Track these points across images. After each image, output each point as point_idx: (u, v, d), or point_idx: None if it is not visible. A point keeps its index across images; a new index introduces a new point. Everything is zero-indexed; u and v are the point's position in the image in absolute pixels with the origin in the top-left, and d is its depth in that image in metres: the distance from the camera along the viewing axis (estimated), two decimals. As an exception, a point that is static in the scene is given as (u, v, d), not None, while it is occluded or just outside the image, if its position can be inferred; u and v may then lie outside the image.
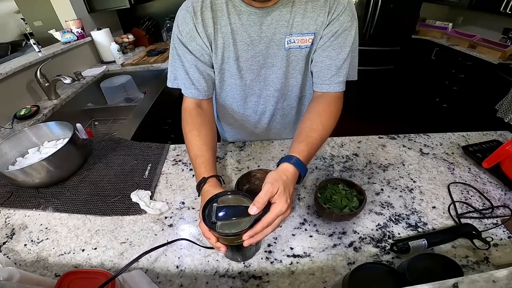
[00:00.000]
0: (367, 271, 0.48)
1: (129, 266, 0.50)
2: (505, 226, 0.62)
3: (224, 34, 0.68)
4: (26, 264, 0.59)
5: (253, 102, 0.85)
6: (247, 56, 0.72)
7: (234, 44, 0.69)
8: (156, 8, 2.54)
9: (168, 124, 1.71)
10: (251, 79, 0.78)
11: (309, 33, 0.68)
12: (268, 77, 0.77)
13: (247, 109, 0.88)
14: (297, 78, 0.78)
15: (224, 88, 0.81)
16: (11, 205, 0.74)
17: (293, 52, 0.71)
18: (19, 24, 4.38)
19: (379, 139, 0.95)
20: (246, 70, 0.75)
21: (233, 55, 0.71)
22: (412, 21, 2.70)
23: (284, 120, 0.93)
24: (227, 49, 0.70)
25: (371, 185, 0.76)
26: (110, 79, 1.83)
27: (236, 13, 0.66)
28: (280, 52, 0.71)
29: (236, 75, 0.76)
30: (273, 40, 0.69)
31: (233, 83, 0.79)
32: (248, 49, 0.71)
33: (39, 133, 0.92)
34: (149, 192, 0.75)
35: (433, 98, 2.85)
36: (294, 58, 0.73)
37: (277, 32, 0.68)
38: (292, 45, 0.70)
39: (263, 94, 0.82)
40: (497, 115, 2.04)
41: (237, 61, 0.73)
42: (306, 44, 0.69)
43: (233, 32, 0.68)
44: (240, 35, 0.68)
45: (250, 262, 0.57)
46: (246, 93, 0.82)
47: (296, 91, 0.83)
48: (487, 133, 0.96)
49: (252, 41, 0.69)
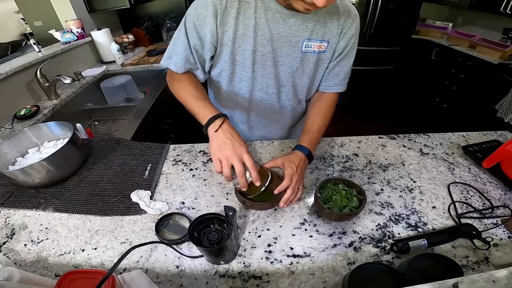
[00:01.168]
0: (367, 271, 0.48)
1: (119, 263, 0.49)
2: (505, 226, 0.62)
3: (246, 25, 0.69)
4: (26, 264, 0.59)
5: (258, 97, 0.86)
6: (264, 51, 0.74)
7: (255, 38, 0.71)
8: (156, 8, 2.54)
9: (168, 124, 1.71)
10: (262, 74, 0.79)
11: (325, 41, 0.75)
12: (277, 74, 0.80)
13: (251, 103, 0.88)
14: (303, 79, 0.82)
15: (233, 79, 0.82)
16: (11, 205, 0.74)
17: (307, 55, 0.77)
18: (19, 24, 4.38)
19: (379, 139, 0.95)
20: (260, 64, 0.77)
21: (251, 47, 0.73)
22: (412, 21, 2.71)
23: (283, 119, 0.95)
24: (246, 41, 0.72)
25: (371, 185, 0.76)
26: (110, 79, 1.83)
27: (264, 9, 0.68)
28: (295, 53, 0.76)
29: (248, 68, 0.77)
30: (291, 41, 0.73)
31: (243, 76, 0.80)
32: (267, 45, 0.73)
33: (39, 133, 0.92)
34: (149, 192, 0.75)
35: (433, 98, 2.85)
36: (306, 61, 0.78)
37: (297, 34, 0.72)
38: (309, 49, 0.75)
39: (269, 91, 0.84)
40: (497, 115, 2.04)
41: (253, 54, 0.74)
42: (320, 50, 0.76)
43: (256, 26, 0.69)
44: (262, 30, 0.70)
45: (250, 262, 0.57)
46: (253, 87, 0.83)
47: (297, 93, 0.86)
48: (487, 133, 0.96)
49: (272, 38, 0.72)
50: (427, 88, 2.97)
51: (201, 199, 0.73)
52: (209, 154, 0.89)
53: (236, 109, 0.91)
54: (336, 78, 0.83)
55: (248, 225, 0.65)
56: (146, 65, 1.98)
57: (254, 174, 0.62)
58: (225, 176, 0.63)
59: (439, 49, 2.73)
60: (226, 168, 0.62)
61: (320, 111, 0.84)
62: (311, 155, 0.75)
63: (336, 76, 0.83)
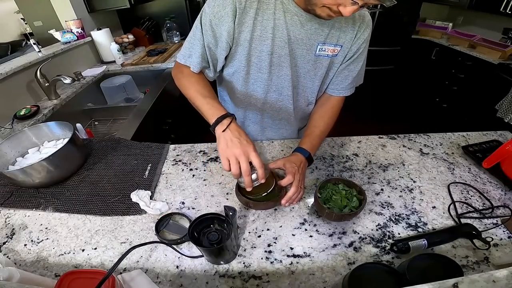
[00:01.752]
0: (367, 271, 0.48)
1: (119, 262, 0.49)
2: (505, 226, 0.62)
3: (264, 27, 0.69)
4: (26, 264, 0.59)
5: (273, 99, 0.86)
6: (281, 53, 0.73)
7: (273, 39, 0.71)
8: (156, 8, 2.54)
9: (168, 124, 1.71)
10: (278, 75, 0.79)
11: (339, 45, 0.75)
12: (293, 76, 0.80)
13: (265, 104, 0.88)
14: (314, 82, 0.83)
15: (248, 81, 0.81)
16: (11, 205, 0.74)
17: (320, 59, 0.77)
18: (19, 24, 4.38)
19: (379, 139, 0.95)
20: (277, 66, 0.76)
21: (268, 49, 0.72)
22: (412, 21, 2.70)
23: (294, 121, 0.95)
24: (263, 43, 0.71)
25: (371, 185, 0.76)
26: (110, 79, 1.83)
27: (283, 10, 0.68)
28: (309, 56, 0.75)
29: (265, 69, 0.77)
30: (306, 44, 0.73)
31: (259, 77, 0.80)
32: (284, 47, 0.72)
33: (39, 133, 0.92)
34: (149, 192, 0.75)
35: (433, 98, 2.85)
36: (319, 64, 0.78)
37: (312, 38, 0.72)
38: (322, 53, 0.75)
39: (284, 93, 0.84)
40: (497, 115, 2.04)
41: (270, 56, 0.74)
42: (333, 54, 0.76)
43: (275, 28, 0.69)
44: (281, 32, 0.70)
45: (250, 262, 0.57)
46: (268, 89, 0.83)
47: (308, 95, 0.87)
48: (487, 133, 0.96)
49: (289, 40, 0.71)
50: (427, 88, 2.97)
51: (201, 199, 0.73)
52: (209, 154, 0.89)
53: (249, 109, 0.91)
54: (344, 81, 0.82)
55: (248, 225, 0.65)
56: (146, 65, 1.98)
57: (260, 172, 0.62)
58: (233, 174, 0.63)
59: (439, 49, 2.73)
60: (234, 166, 0.62)
61: (325, 116, 0.84)
62: (311, 158, 0.76)
63: (345, 79, 0.82)
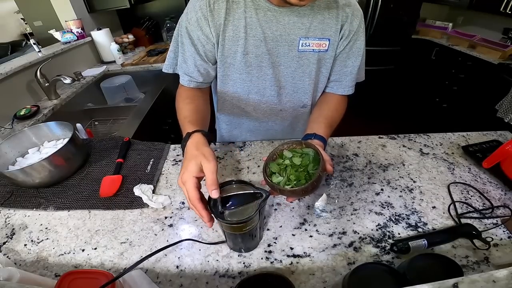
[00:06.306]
0: (367, 271, 0.48)
1: (132, 269, 0.49)
2: (505, 226, 0.62)
3: (236, 27, 0.67)
4: (26, 264, 0.59)
5: (255, 100, 0.84)
6: (257, 53, 0.71)
7: (246, 39, 0.68)
8: (156, 8, 2.54)
9: (168, 124, 1.71)
10: (258, 76, 0.77)
11: (325, 38, 0.70)
12: (276, 76, 0.77)
13: (248, 106, 0.86)
14: (304, 81, 0.78)
15: (227, 82, 0.80)
16: (11, 205, 0.74)
17: (306, 54, 0.72)
18: (19, 24, 4.38)
19: (379, 139, 0.95)
20: (255, 66, 0.74)
21: (242, 49, 0.70)
22: (412, 21, 2.71)
23: (283, 122, 0.92)
24: (236, 43, 0.69)
25: (371, 185, 0.76)
26: (110, 79, 1.83)
27: (254, 8, 0.65)
28: (291, 53, 0.72)
29: (242, 70, 0.75)
30: (286, 40, 0.70)
31: (237, 78, 0.78)
32: (260, 45, 0.70)
33: (39, 133, 0.92)
34: (151, 186, 0.75)
35: (433, 98, 2.85)
36: (305, 61, 0.74)
37: (292, 33, 0.68)
38: (307, 48, 0.71)
39: (267, 94, 0.81)
40: (497, 115, 2.04)
41: (246, 56, 0.71)
42: (321, 49, 0.72)
43: (247, 27, 0.67)
44: (254, 30, 0.67)
45: (250, 262, 0.57)
46: (249, 90, 0.81)
47: (300, 95, 0.83)
48: (487, 133, 0.96)
49: (265, 38, 0.69)
50: (427, 88, 2.97)
51: (201, 199, 0.73)
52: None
53: (234, 112, 0.89)
54: (343, 79, 0.78)
55: (248, 225, 0.65)
56: (146, 65, 1.98)
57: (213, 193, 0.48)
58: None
59: (439, 49, 2.73)
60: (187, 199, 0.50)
61: (331, 107, 0.79)
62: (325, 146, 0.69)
63: (344, 77, 0.78)
